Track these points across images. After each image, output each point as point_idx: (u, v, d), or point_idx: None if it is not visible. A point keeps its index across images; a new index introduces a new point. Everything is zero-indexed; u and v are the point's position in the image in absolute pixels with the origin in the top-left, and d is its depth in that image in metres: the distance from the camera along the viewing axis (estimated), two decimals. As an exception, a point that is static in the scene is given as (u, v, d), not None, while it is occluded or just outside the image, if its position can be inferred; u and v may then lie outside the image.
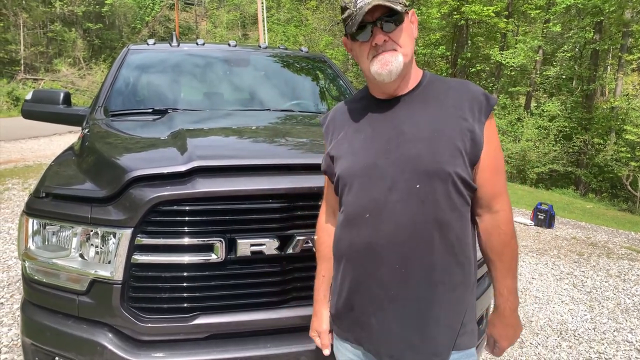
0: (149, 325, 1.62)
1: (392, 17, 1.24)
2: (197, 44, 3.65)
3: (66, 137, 14.95)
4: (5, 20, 33.34)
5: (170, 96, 3.20)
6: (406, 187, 1.22)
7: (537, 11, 18.09)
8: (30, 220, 1.75)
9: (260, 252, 1.65)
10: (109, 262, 1.61)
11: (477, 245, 1.38)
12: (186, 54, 3.55)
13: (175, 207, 1.60)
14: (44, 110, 3.08)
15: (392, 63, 1.24)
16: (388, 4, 1.21)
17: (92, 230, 1.64)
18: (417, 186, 1.22)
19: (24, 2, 34.69)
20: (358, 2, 1.23)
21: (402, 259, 1.23)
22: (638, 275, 5.10)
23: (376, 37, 1.23)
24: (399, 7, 1.23)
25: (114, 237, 1.60)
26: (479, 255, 2.06)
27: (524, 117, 17.86)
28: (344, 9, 1.29)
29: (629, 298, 4.41)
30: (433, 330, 1.25)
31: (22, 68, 34.04)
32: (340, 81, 3.71)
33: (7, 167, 9.78)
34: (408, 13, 1.31)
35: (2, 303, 3.69)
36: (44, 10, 36.35)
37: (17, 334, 3.19)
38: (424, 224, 1.22)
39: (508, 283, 1.35)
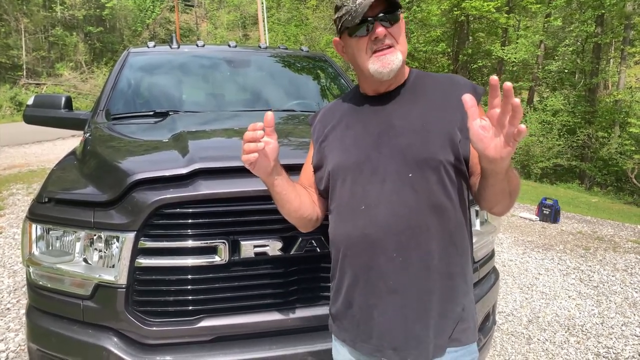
0: (154, 328, 1.62)
1: (392, 14, 1.27)
2: (197, 45, 3.64)
3: (69, 141, 14.99)
4: (6, 26, 33.51)
5: (171, 98, 3.20)
6: (399, 177, 1.24)
7: (538, 5, 18.02)
8: (34, 226, 1.75)
9: (264, 254, 1.64)
10: (113, 266, 1.61)
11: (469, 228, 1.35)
12: (186, 56, 3.54)
13: (177, 210, 1.59)
14: (46, 115, 3.09)
15: (394, 62, 1.27)
16: None
17: (95, 235, 1.64)
18: (410, 175, 1.23)
19: (24, 7, 34.84)
20: None
21: (399, 247, 1.23)
22: (645, 268, 5.07)
23: (377, 30, 1.25)
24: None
25: (117, 241, 1.60)
26: (479, 255, 2.06)
27: (527, 112, 17.79)
28: (339, 8, 1.30)
29: (636, 292, 4.38)
30: (434, 320, 1.25)
31: (25, 73, 34.20)
32: (342, 80, 3.70)
33: (12, 172, 9.82)
34: (401, 15, 1.34)
35: (8, 309, 3.70)
36: (44, 14, 36.51)
37: (23, 340, 3.19)
38: (420, 212, 1.23)
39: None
